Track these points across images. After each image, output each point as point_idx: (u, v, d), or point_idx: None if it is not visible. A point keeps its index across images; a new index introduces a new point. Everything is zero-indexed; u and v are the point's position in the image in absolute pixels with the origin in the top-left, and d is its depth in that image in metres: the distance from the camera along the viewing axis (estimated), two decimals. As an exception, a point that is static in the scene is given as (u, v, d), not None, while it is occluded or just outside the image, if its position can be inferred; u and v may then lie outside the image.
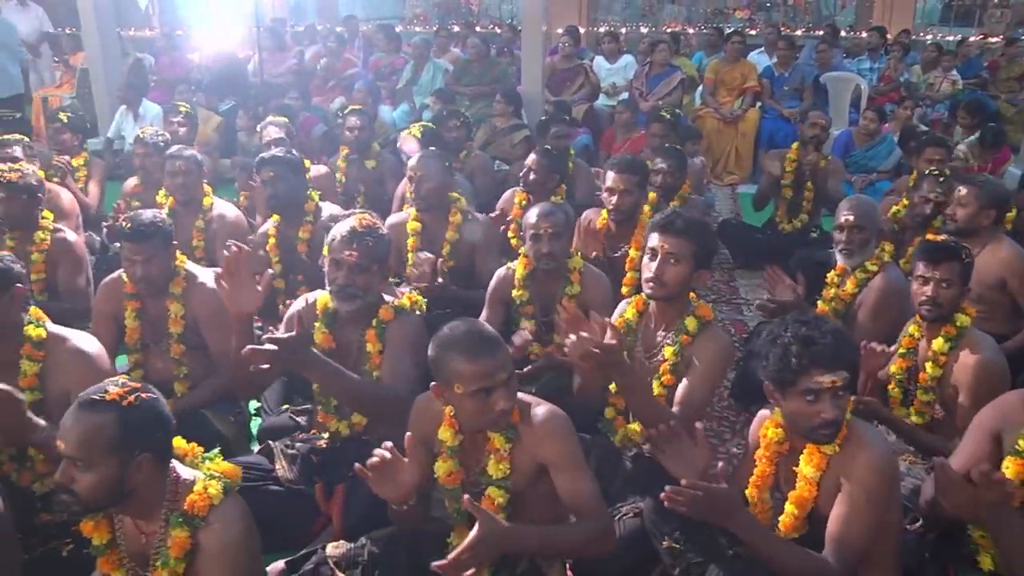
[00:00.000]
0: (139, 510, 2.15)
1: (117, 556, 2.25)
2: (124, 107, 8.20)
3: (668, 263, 2.89)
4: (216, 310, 3.38)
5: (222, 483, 2.15)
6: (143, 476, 2.07)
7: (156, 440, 2.09)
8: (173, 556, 2.09)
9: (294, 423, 3.33)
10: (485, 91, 8.39)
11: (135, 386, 2.08)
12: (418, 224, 4.26)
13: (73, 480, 2.01)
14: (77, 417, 2.02)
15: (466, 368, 2.27)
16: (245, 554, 2.14)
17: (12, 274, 2.87)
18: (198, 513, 2.10)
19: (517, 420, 2.39)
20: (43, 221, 4.24)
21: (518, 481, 2.42)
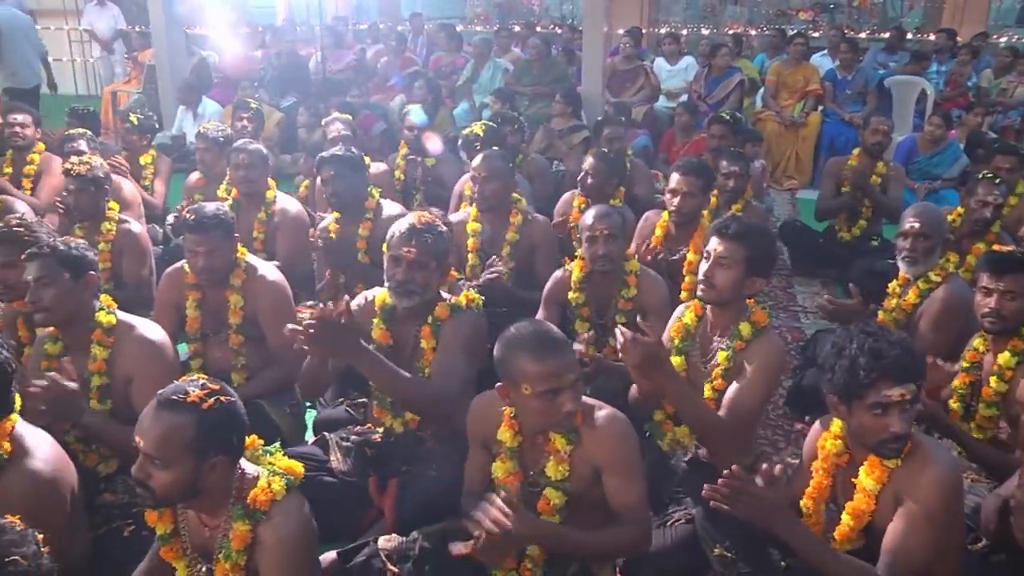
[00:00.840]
0: (206, 506, 2.20)
1: (180, 546, 2.31)
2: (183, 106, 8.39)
3: (719, 266, 2.88)
4: (275, 303, 3.48)
5: (284, 480, 2.19)
6: (216, 477, 2.11)
7: (231, 444, 2.13)
8: (235, 549, 2.14)
9: (349, 416, 3.37)
10: (544, 91, 8.37)
11: (215, 388, 2.11)
12: (478, 224, 4.28)
13: (150, 476, 2.06)
14: (157, 416, 2.05)
15: (535, 368, 2.29)
16: (302, 549, 2.18)
17: (86, 261, 2.98)
18: (260, 508, 2.14)
19: (580, 423, 2.39)
20: (109, 212, 4.39)
21: (576, 484, 2.43)
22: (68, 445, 2.94)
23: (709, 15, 13.69)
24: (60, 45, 13.70)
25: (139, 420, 2.09)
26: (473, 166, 4.29)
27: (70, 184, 4.29)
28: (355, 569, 2.67)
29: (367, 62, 9.99)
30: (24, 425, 2.49)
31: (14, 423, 2.43)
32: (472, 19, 14.58)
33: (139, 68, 10.68)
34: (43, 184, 5.76)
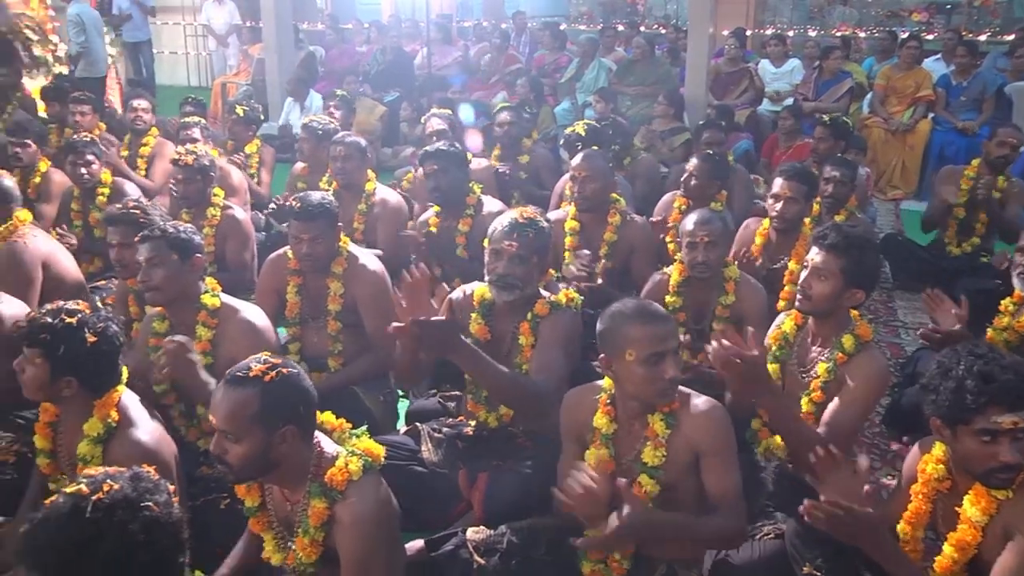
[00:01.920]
0: (285, 480, 2.26)
1: (266, 518, 2.38)
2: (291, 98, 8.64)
3: (815, 276, 2.81)
4: (374, 292, 3.54)
5: (362, 460, 2.23)
6: (288, 448, 2.16)
7: (298, 413, 2.17)
8: (312, 525, 2.19)
9: (442, 408, 3.40)
10: (647, 92, 8.30)
11: (276, 362, 2.17)
12: (577, 223, 4.26)
13: (225, 451, 2.14)
14: (224, 393, 2.13)
15: (640, 332, 2.33)
16: (378, 530, 2.20)
17: (194, 244, 3.10)
18: (336, 486, 2.18)
19: (677, 407, 2.40)
20: (214, 198, 4.55)
21: (671, 471, 2.41)
22: (171, 420, 3.07)
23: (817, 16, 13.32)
24: (176, 39, 14.37)
25: (212, 399, 2.18)
26: (573, 165, 4.26)
27: (177, 173, 4.47)
28: (441, 558, 2.70)
29: (470, 59, 10.08)
30: (130, 396, 2.62)
31: (120, 394, 2.57)
32: (576, 18, 14.55)
33: (249, 61, 11.04)
34: (156, 167, 6.09)
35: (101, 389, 2.54)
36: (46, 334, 2.44)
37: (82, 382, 2.51)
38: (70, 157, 4.97)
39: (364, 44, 11.33)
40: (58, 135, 6.90)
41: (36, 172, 5.45)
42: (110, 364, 2.54)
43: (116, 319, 2.62)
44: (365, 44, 11.29)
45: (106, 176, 5.08)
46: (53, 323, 2.45)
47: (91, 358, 2.49)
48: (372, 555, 2.18)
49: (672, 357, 2.35)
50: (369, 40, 11.22)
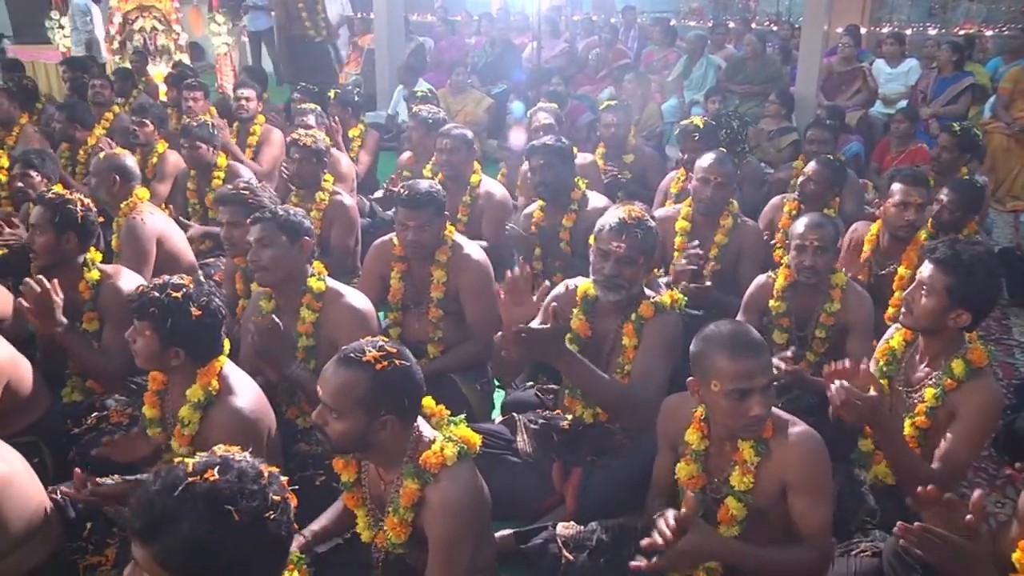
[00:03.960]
0: (381, 460, 2.30)
1: (361, 494, 2.43)
2: (402, 86, 8.77)
3: (920, 290, 2.69)
4: (477, 282, 3.57)
5: (458, 447, 2.25)
6: (386, 434, 2.20)
7: (402, 404, 2.21)
8: (403, 505, 2.23)
9: (538, 400, 3.39)
10: (757, 91, 8.13)
11: (391, 351, 2.20)
12: (687, 224, 4.19)
13: (326, 423, 2.19)
14: (336, 370, 2.18)
15: (726, 366, 2.23)
16: (466, 515, 2.22)
17: (303, 227, 3.17)
18: (430, 469, 2.21)
19: (770, 435, 2.32)
20: (324, 183, 4.65)
21: (760, 497, 2.35)
22: (274, 398, 3.15)
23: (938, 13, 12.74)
24: None
25: (323, 370, 2.23)
26: (703, 167, 4.12)
27: (295, 153, 4.58)
28: (531, 551, 2.71)
29: (578, 53, 10.04)
30: (232, 367, 2.71)
31: (222, 364, 2.66)
32: (686, 14, 14.34)
33: (359, 51, 11.27)
34: (263, 153, 6.29)
35: (206, 359, 2.63)
36: (155, 308, 2.53)
37: (188, 352, 2.60)
38: (184, 140, 5.16)
39: (473, 36, 11.42)
40: (176, 118, 7.19)
41: (154, 153, 5.70)
42: (214, 335, 2.64)
43: (219, 293, 2.71)
44: (474, 36, 11.38)
45: (222, 160, 5.25)
46: (161, 297, 2.54)
47: (196, 330, 2.58)
48: (459, 540, 2.20)
49: (761, 394, 2.23)
50: (478, 32, 11.30)
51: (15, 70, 8.65)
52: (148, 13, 10.02)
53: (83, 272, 3.44)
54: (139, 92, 8.44)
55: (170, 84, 8.09)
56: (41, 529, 2.45)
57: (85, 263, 3.45)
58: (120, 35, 10.07)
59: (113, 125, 6.77)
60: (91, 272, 3.44)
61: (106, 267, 3.52)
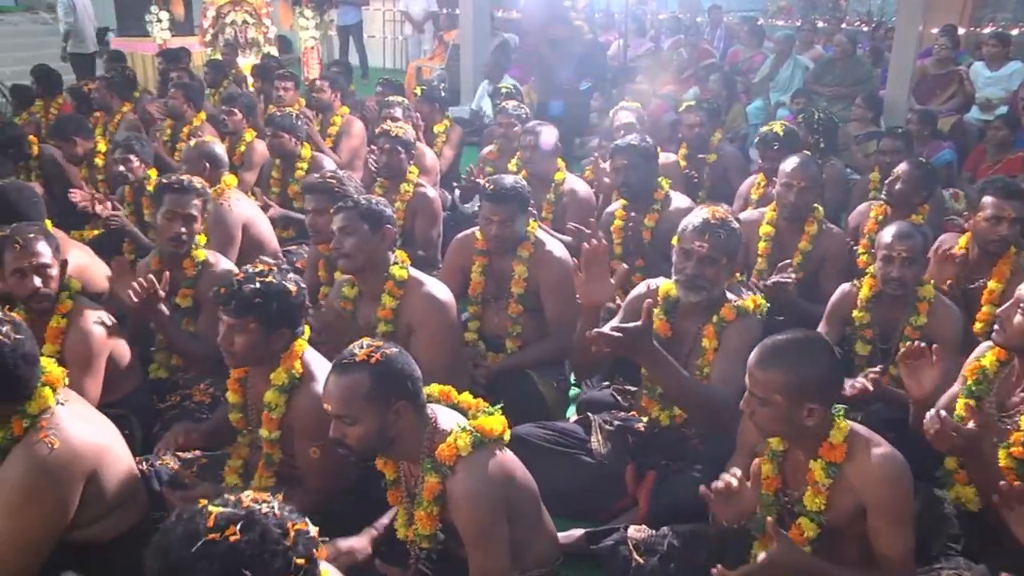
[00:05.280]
0: (405, 454, 2.33)
1: (400, 492, 2.46)
2: (486, 82, 8.82)
3: (1016, 309, 2.55)
4: (558, 278, 3.56)
5: (472, 436, 2.25)
6: (403, 422, 2.24)
7: (407, 388, 2.25)
8: (426, 499, 2.27)
9: (614, 400, 3.37)
10: (844, 93, 7.92)
11: (378, 344, 2.26)
12: (772, 229, 4.11)
13: (344, 435, 2.23)
14: (335, 381, 2.23)
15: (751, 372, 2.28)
16: (489, 504, 2.23)
17: (385, 216, 3.22)
18: (446, 462, 2.23)
19: (842, 459, 2.27)
20: (409, 175, 4.71)
21: (834, 518, 2.29)
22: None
23: (1050, 10, 12.13)
24: (375, 24, 15.17)
25: (323, 388, 2.27)
26: (787, 171, 4.04)
27: (384, 143, 4.65)
28: (601, 552, 2.69)
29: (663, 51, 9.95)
30: (312, 352, 2.77)
31: (304, 348, 2.72)
32: (774, 13, 14.04)
33: (444, 46, 11.38)
34: (343, 144, 6.38)
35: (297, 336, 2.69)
36: (258, 298, 2.57)
37: (291, 331, 2.66)
38: (268, 130, 5.27)
39: (558, 33, 11.41)
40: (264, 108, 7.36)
41: (242, 141, 5.83)
42: (304, 312, 2.70)
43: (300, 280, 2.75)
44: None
45: (306, 150, 5.35)
46: (260, 288, 2.58)
47: (295, 308, 2.65)
48: (488, 530, 2.22)
49: (755, 402, 2.28)
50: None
51: (118, 61, 8.99)
52: (240, 7, 10.34)
53: (190, 251, 3.56)
54: (229, 83, 8.67)
55: (256, 75, 8.29)
56: (131, 497, 2.57)
57: (194, 243, 3.58)
58: (213, 28, 10.39)
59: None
60: (197, 252, 3.57)
61: (209, 252, 3.64)
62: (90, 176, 5.80)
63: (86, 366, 3.03)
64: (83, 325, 3.08)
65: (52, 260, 3.09)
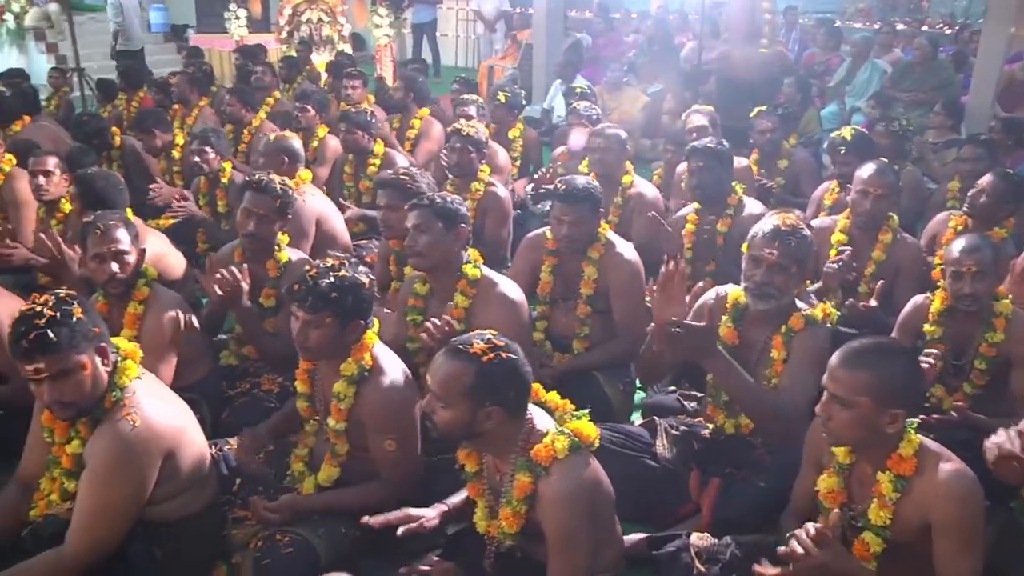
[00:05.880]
0: (492, 449, 2.34)
1: (481, 485, 2.46)
2: (559, 81, 8.81)
3: None
4: (627, 280, 3.57)
5: (569, 440, 2.24)
6: (492, 425, 2.23)
7: (508, 397, 2.23)
8: (515, 498, 2.26)
9: (679, 405, 3.35)
10: (923, 99, 7.70)
11: (499, 344, 2.24)
12: (844, 236, 4.01)
13: (434, 411, 2.26)
14: (444, 360, 2.24)
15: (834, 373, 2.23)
16: (580, 508, 2.22)
17: (459, 215, 3.23)
18: (541, 462, 2.22)
19: (911, 472, 2.21)
20: (480, 173, 4.73)
21: (900, 534, 2.23)
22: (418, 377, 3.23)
23: None
24: (449, 22, 15.34)
25: (432, 360, 2.28)
26: (863, 178, 3.91)
27: (455, 142, 4.68)
28: (662, 558, 2.67)
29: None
30: (381, 346, 2.81)
31: (374, 341, 2.76)
32: (852, 14, 13.67)
33: (516, 46, 11.42)
34: (421, 147, 6.45)
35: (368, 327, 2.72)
36: (335, 292, 2.59)
37: (365, 322, 2.69)
38: (342, 126, 5.34)
39: (631, 34, 11.36)
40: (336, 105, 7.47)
41: (315, 137, 5.93)
42: (366, 309, 2.71)
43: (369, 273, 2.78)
44: (632, 34, 11.32)
45: (378, 147, 5.41)
46: (334, 282, 2.60)
47: (368, 299, 2.69)
48: (574, 533, 2.21)
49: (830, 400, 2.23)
50: (637, 30, 11.24)
51: (196, 57, 9.24)
52: (315, 5, 10.54)
53: (274, 251, 3.63)
54: (303, 79, 8.82)
55: (330, 72, 8.42)
56: (203, 478, 2.65)
57: (277, 244, 3.65)
58: (288, 25, 10.60)
59: (274, 109, 7.12)
60: (280, 253, 3.64)
61: (292, 252, 3.71)
62: (167, 167, 5.99)
63: (160, 351, 3.13)
64: (159, 311, 3.18)
65: (130, 247, 3.19)
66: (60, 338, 2.28)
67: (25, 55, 12.50)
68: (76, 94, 9.36)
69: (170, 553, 2.53)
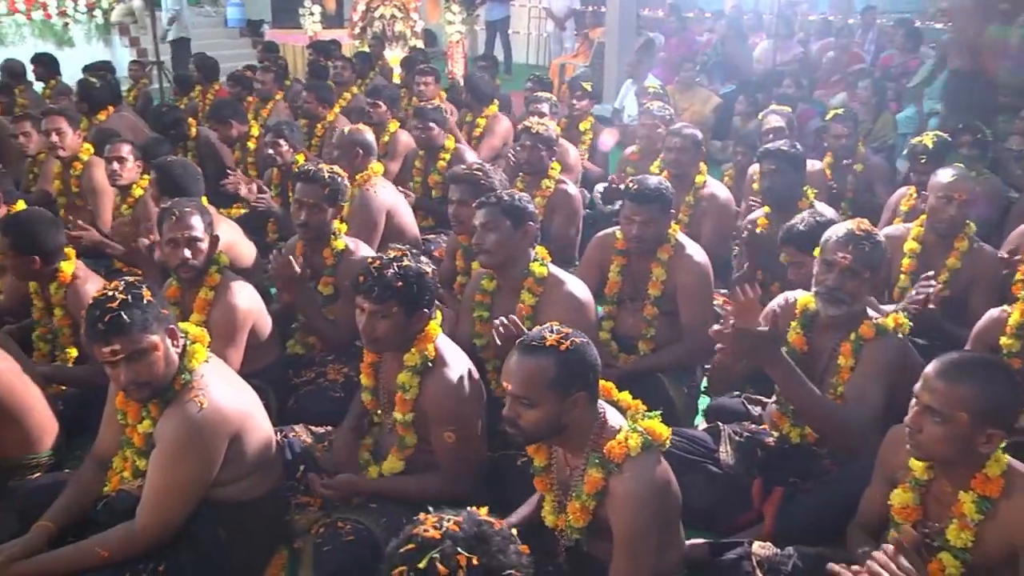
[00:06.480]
0: (569, 443, 2.32)
1: (550, 479, 2.46)
2: (630, 80, 8.76)
3: None
4: (696, 283, 3.53)
5: (643, 438, 2.23)
6: (578, 412, 2.23)
7: (589, 380, 2.24)
8: (585, 493, 2.25)
9: (744, 411, 3.30)
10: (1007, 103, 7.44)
11: (567, 331, 2.25)
12: (918, 245, 3.90)
13: (519, 416, 2.24)
14: (521, 361, 2.22)
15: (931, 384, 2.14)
16: (649, 508, 2.20)
17: (527, 213, 3.23)
18: (614, 459, 2.21)
19: (998, 494, 2.12)
20: (551, 171, 4.73)
21: (981, 557, 2.15)
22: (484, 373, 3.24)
23: None
24: (521, 20, 15.39)
25: (504, 366, 2.28)
26: (944, 184, 3.77)
27: (526, 139, 4.70)
28: (723, 565, 2.62)
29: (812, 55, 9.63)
30: (445, 339, 2.83)
31: (438, 333, 2.77)
32: (934, 15, 13.18)
33: (588, 44, 11.38)
34: (484, 143, 6.49)
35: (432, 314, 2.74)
36: (400, 281, 2.62)
37: (430, 311, 2.72)
38: (415, 121, 5.38)
39: (704, 33, 11.24)
40: (408, 100, 7.54)
41: (386, 132, 5.99)
42: (430, 299, 2.73)
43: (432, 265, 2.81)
44: (705, 33, 11.19)
45: (450, 142, 5.46)
46: (399, 272, 2.63)
47: (433, 288, 2.71)
48: (642, 533, 2.19)
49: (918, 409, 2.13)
50: (710, 29, 11.11)
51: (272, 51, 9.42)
52: (388, 1, 10.62)
53: (331, 240, 3.69)
54: (375, 74, 8.93)
55: (404, 68, 8.50)
56: (268, 463, 2.70)
57: (334, 232, 3.71)
58: (362, 21, 10.73)
59: (349, 104, 7.22)
60: (337, 241, 3.70)
61: (349, 240, 3.76)
62: (242, 158, 6.11)
63: (229, 337, 3.20)
64: (229, 298, 3.25)
65: (203, 234, 3.28)
66: (133, 320, 2.35)
67: (110, 48, 12.94)
68: (155, 86, 9.62)
69: (234, 534, 2.58)
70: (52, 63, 8.68)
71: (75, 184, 5.21)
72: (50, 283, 3.53)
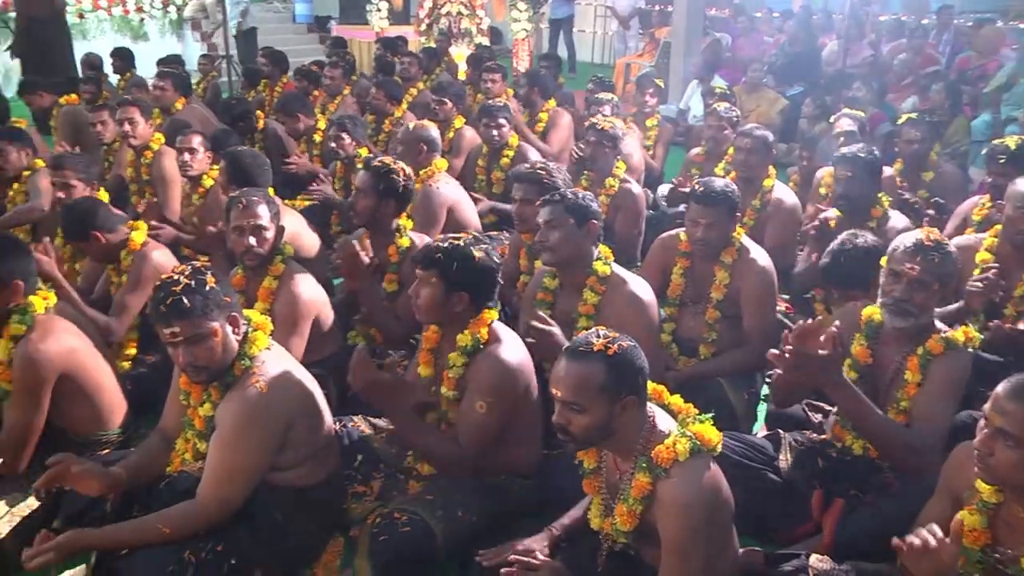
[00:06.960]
0: (619, 447, 2.30)
1: (598, 482, 2.45)
2: (695, 81, 8.68)
3: None
4: (760, 288, 3.49)
5: (691, 443, 2.20)
6: (627, 416, 2.21)
7: (638, 383, 2.23)
8: (633, 497, 2.24)
9: (804, 417, 3.25)
10: (1092, 112, 7.20)
11: (614, 335, 2.24)
12: (990, 256, 3.72)
13: (569, 422, 2.22)
14: (569, 367, 2.21)
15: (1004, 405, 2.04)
16: (698, 514, 2.16)
17: (590, 211, 3.23)
18: (662, 463, 2.19)
19: None
20: (616, 170, 4.72)
21: None
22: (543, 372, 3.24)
23: None
24: (586, 18, 15.43)
25: (553, 372, 2.26)
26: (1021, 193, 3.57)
27: (591, 137, 4.70)
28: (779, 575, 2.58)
29: (883, 57, 9.41)
30: (502, 326, 2.88)
31: (494, 318, 2.83)
32: (1016, 15, 12.66)
33: (654, 43, 11.30)
34: (552, 136, 6.51)
35: (485, 303, 2.79)
36: (440, 254, 2.72)
37: (472, 296, 2.76)
38: (483, 119, 5.41)
39: (773, 33, 11.08)
40: (474, 97, 7.57)
41: (451, 128, 6.02)
42: (492, 282, 2.80)
43: (496, 256, 2.86)
44: (776, 33, 11.04)
45: (513, 139, 5.47)
46: (445, 246, 2.75)
47: (478, 273, 2.75)
48: (691, 539, 2.16)
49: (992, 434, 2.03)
50: (781, 30, 10.94)
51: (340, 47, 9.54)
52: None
53: (395, 237, 3.74)
54: (441, 71, 8.98)
55: (470, 64, 8.54)
56: (326, 449, 2.75)
57: (398, 229, 3.75)
58: (428, 18, 10.81)
59: (415, 100, 7.27)
60: (402, 239, 3.75)
61: (415, 236, 3.80)
62: (307, 151, 6.23)
63: (292, 326, 3.27)
64: (292, 287, 3.32)
65: (269, 223, 3.35)
66: (194, 304, 2.41)
67: (182, 43, 13.33)
68: (223, 79, 9.82)
69: (290, 518, 2.63)
70: (128, 57, 9.00)
71: (145, 172, 5.37)
72: (120, 254, 3.69)
